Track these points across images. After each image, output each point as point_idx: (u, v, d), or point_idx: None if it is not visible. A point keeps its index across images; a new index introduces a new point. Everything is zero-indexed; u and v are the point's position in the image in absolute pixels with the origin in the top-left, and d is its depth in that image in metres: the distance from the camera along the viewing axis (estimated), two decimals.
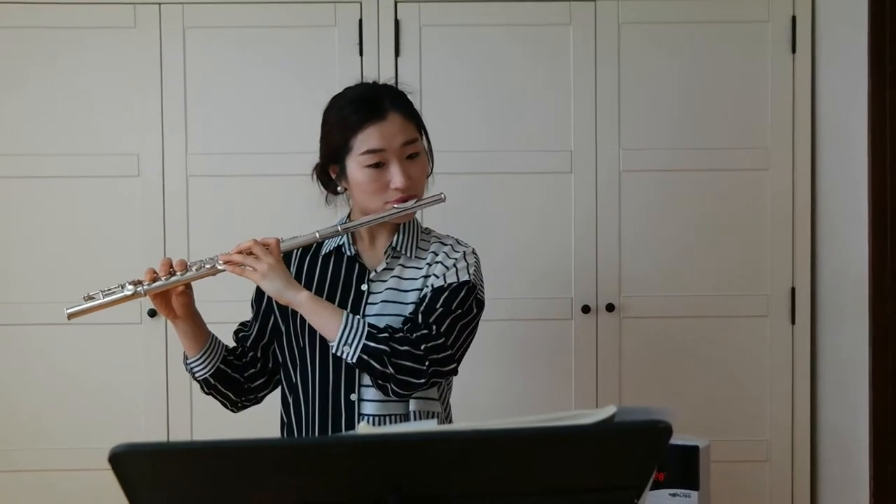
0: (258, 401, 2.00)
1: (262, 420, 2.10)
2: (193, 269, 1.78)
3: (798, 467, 2.89)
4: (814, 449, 2.89)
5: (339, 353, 1.75)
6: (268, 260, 1.75)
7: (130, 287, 1.76)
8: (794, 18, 2.85)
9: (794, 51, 2.85)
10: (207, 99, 2.83)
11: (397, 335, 1.76)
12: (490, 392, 2.84)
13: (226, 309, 2.23)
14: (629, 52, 2.85)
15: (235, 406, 1.97)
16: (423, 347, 1.75)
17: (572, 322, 2.86)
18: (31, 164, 2.81)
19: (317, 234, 1.85)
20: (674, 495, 1.73)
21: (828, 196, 2.82)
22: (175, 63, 2.81)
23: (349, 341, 1.73)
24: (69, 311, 1.78)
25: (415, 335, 1.76)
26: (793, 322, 2.88)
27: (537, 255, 2.86)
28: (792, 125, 2.86)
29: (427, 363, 1.75)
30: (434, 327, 1.78)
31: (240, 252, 1.78)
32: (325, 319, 1.76)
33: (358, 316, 1.81)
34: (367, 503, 1.08)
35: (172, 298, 1.80)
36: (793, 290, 2.88)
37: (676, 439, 1.72)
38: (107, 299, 1.77)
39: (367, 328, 1.75)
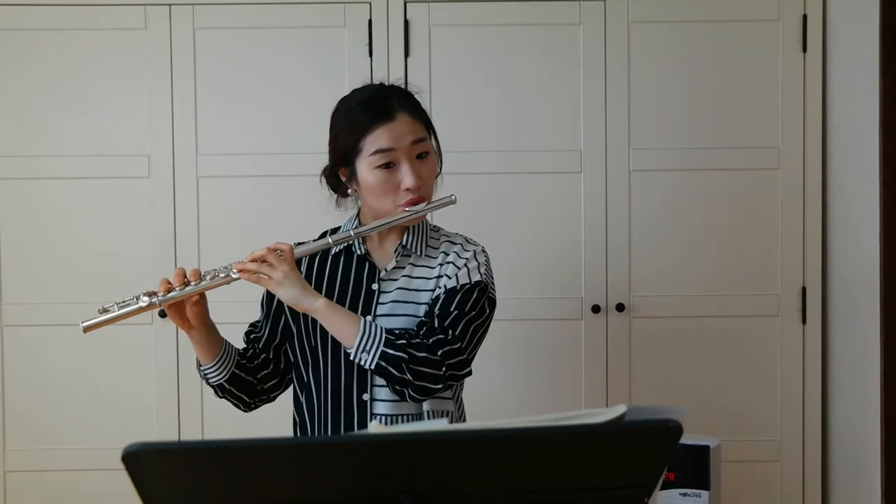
0: (271, 400, 2.00)
1: (274, 420, 2.10)
2: (207, 278, 1.78)
3: (809, 467, 2.88)
4: (825, 449, 2.88)
5: (357, 360, 1.75)
6: (282, 268, 1.75)
7: (145, 298, 1.75)
8: (804, 17, 2.84)
9: (804, 49, 2.85)
10: (218, 100, 2.83)
11: (414, 341, 1.75)
12: (500, 392, 2.83)
13: (235, 310, 2.24)
14: (639, 51, 2.85)
15: (248, 407, 1.97)
16: (439, 353, 1.75)
17: (582, 322, 2.86)
18: (42, 165, 2.83)
19: (329, 241, 1.85)
20: (684, 495, 1.73)
21: (839, 195, 2.81)
22: (185, 64, 2.82)
23: (367, 348, 1.74)
24: (84, 324, 1.77)
25: (431, 340, 1.76)
26: (804, 322, 2.87)
27: (547, 255, 2.86)
28: (803, 124, 2.85)
29: (444, 368, 1.75)
30: (450, 331, 1.78)
31: (253, 260, 1.77)
32: (343, 326, 1.76)
33: (375, 321, 1.81)
34: (379, 501, 1.08)
35: (187, 309, 1.79)
36: (804, 289, 2.87)
37: (687, 439, 1.72)
38: (122, 311, 1.77)
39: (384, 335, 1.75)
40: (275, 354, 1.97)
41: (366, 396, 1.86)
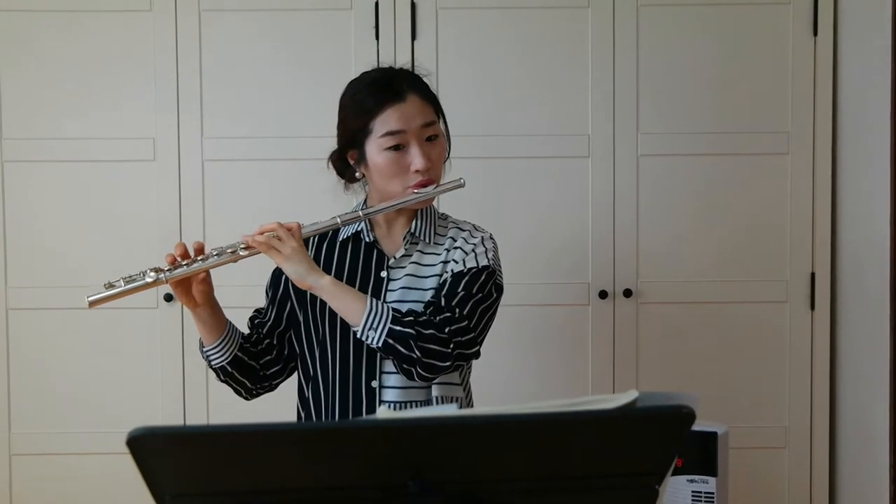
0: (272, 388, 1.99)
1: (280, 405, 2.09)
2: (214, 254, 1.77)
3: (817, 454, 2.87)
4: (833, 436, 2.87)
5: (364, 338, 1.74)
6: (291, 243, 1.75)
7: (152, 274, 1.75)
8: (815, 0, 2.81)
9: (815, 33, 2.82)
10: (223, 82, 2.82)
11: (421, 319, 1.75)
12: (507, 378, 2.83)
13: (240, 293, 2.23)
14: (648, 34, 2.82)
15: (250, 393, 1.96)
16: (447, 330, 1.74)
17: (589, 308, 2.85)
18: (47, 148, 2.81)
19: (338, 220, 1.84)
20: (692, 481, 1.72)
21: (848, 180, 2.79)
22: (191, 46, 2.80)
23: (374, 326, 1.73)
24: (90, 298, 1.76)
25: (438, 318, 1.75)
26: (812, 308, 2.85)
27: (554, 241, 2.84)
28: (813, 109, 2.82)
29: (452, 346, 1.74)
30: (457, 310, 1.77)
31: (262, 233, 1.77)
32: (349, 304, 1.75)
33: (381, 300, 1.80)
34: (387, 488, 1.07)
35: (192, 286, 1.79)
36: (812, 275, 2.85)
37: (695, 425, 1.71)
38: (128, 287, 1.76)
39: (391, 312, 1.74)
40: (278, 341, 1.96)
41: (374, 383, 1.85)
